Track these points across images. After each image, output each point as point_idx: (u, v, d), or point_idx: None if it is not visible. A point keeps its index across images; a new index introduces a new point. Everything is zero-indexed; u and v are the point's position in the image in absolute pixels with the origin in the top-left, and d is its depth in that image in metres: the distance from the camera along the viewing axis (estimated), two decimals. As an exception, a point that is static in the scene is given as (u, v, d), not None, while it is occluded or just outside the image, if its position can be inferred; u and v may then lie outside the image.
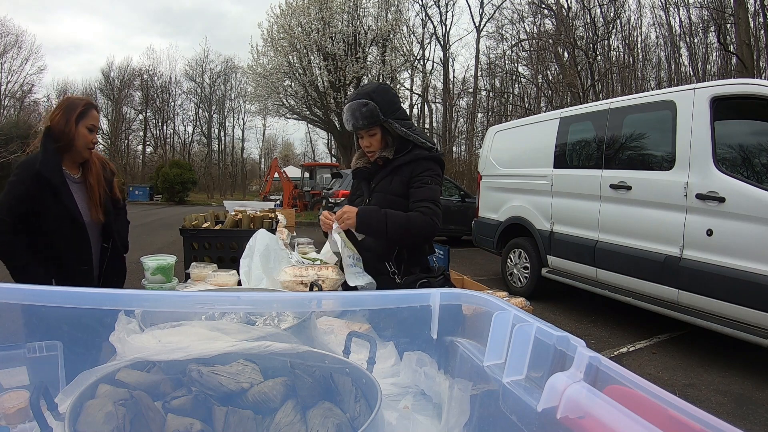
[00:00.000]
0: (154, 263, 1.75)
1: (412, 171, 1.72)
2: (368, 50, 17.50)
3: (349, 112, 1.70)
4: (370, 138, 1.74)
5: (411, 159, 1.73)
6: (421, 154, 1.73)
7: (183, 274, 1.98)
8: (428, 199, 1.67)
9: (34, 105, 30.41)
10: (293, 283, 1.71)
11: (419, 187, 1.70)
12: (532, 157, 5.43)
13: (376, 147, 1.75)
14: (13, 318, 0.72)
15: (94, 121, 1.89)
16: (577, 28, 19.71)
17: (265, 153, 40.55)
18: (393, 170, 1.74)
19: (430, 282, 1.68)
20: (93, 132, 1.88)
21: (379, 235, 1.64)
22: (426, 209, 1.65)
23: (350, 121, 1.70)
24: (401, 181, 1.73)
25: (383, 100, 1.69)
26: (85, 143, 1.85)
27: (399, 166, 1.73)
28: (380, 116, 1.68)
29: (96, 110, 1.92)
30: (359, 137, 1.77)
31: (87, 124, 1.85)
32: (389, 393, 0.86)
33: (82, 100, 1.91)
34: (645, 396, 0.49)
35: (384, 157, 1.75)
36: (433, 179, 1.72)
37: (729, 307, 3.31)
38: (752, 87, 3.35)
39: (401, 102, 1.81)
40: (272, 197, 19.22)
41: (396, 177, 1.74)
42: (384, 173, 1.77)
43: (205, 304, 0.79)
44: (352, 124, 1.70)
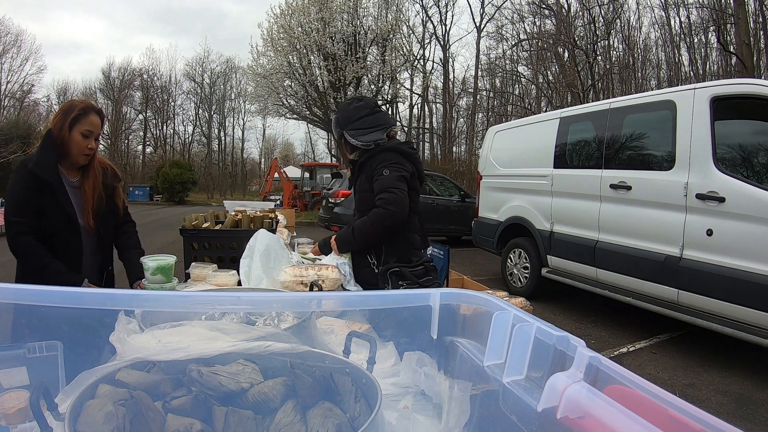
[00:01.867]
0: (154, 263, 1.75)
1: (371, 167, 1.91)
2: (368, 50, 17.50)
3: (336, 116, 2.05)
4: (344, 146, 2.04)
5: (368, 156, 1.93)
6: (376, 149, 1.92)
7: (183, 274, 1.97)
8: (382, 191, 1.83)
9: (34, 105, 30.48)
10: (293, 283, 1.71)
11: (376, 181, 1.87)
12: (532, 157, 5.43)
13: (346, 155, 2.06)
14: (13, 318, 0.72)
15: (91, 126, 1.78)
16: (577, 28, 19.71)
17: (265, 153, 40.57)
18: (358, 170, 1.98)
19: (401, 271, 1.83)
20: (89, 138, 1.78)
21: (356, 247, 1.89)
22: (381, 201, 1.82)
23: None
24: (366, 178, 1.93)
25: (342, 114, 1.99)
26: (78, 150, 1.77)
27: (361, 165, 1.96)
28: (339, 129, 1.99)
29: (97, 114, 1.82)
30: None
31: (81, 129, 1.77)
32: (389, 393, 0.86)
33: (81, 103, 1.83)
34: (645, 396, 0.49)
35: (353, 160, 2.02)
36: (387, 167, 1.86)
37: (729, 307, 3.31)
38: (752, 87, 3.35)
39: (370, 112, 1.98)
40: (272, 197, 19.23)
41: (362, 176, 1.96)
42: (355, 175, 2.01)
43: (205, 304, 0.79)
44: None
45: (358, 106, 2.00)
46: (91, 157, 1.88)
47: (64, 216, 1.79)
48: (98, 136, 1.85)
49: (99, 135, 1.86)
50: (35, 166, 1.73)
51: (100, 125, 1.84)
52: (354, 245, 1.88)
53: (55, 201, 1.76)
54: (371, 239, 1.86)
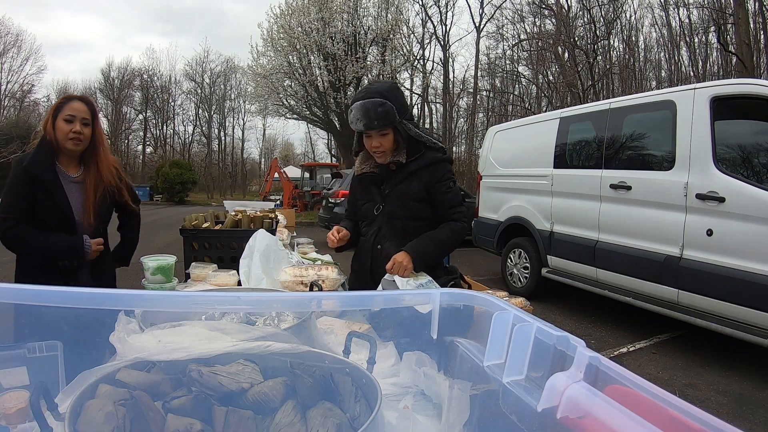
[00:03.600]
0: (154, 263, 1.75)
1: (432, 175, 1.70)
2: (368, 50, 17.49)
3: (361, 110, 1.61)
4: (381, 138, 1.66)
5: (428, 163, 1.71)
6: (437, 156, 1.72)
7: (183, 274, 1.98)
8: (458, 204, 1.75)
9: (34, 105, 30.45)
10: (293, 283, 1.72)
11: (446, 193, 1.72)
12: (532, 157, 5.43)
13: (387, 148, 1.68)
14: (13, 318, 0.72)
15: (72, 111, 1.78)
16: (577, 28, 19.70)
17: (265, 153, 40.55)
18: (410, 174, 1.71)
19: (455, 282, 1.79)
20: (72, 122, 1.77)
21: (434, 260, 1.71)
22: (459, 215, 1.74)
23: (362, 121, 1.61)
24: (420, 185, 1.70)
25: (398, 101, 1.64)
26: (63, 134, 1.76)
27: (416, 171, 1.70)
28: (396, 117, 1.63)
29: (79, 100, 1.82)
30: (366, 137, 1.70)
31: (64, 116, 1.77)
32: (389, 393, 0.86)
33: (63, 95, 1.88)
34: (645, 396, 0.49)
35: (397, 161, 1.70)
36: (453, 182, 1.76)
37: (729, 307, 3.30)
38: (752, 87, 3.35)
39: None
40: (272, 197, 19.23)
41: (414, 182, 1.71)
42: (400, 178, 1.72)
43: (205, 304, 0.79)
44: (364, 123, 1.62)
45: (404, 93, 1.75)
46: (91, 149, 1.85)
47: (58, 212, 1.78)
48: (87, 121, 1.81)
49: (88, 121, 1.82)
50: (29, 163, 1.75)
51: (87, 111, 1.81)
52: (431, 260, 1.68)
53: (49, 197, 1.76)
54: (447, 253, 1.81)
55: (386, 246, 1.71)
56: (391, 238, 1.71)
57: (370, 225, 1.78)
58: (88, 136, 1.82)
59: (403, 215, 1.72)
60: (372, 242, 1.75)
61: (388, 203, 1.74)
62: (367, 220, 1.80)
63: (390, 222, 1.73)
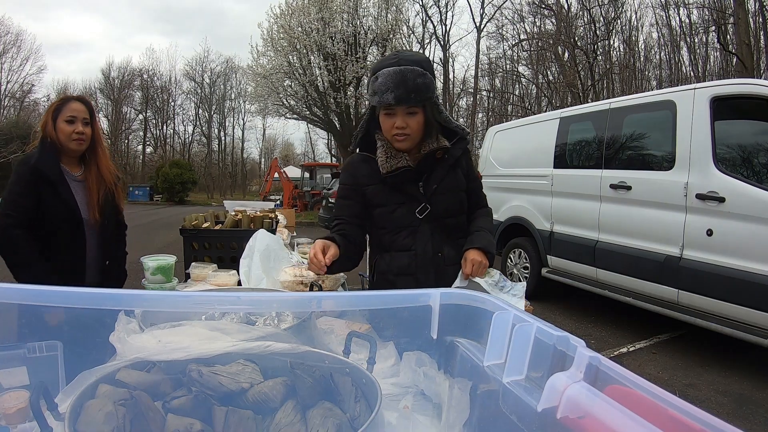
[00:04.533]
0: (154, 263, 1.76)
1: (468, 162, 1.54)
2: (368, 50, 17.48)
3: (396, 78, 1.31)
4: (408, 118, 1.37)
5: (464, 149, 1.52)
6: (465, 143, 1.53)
7: (183, 274, 1.98)
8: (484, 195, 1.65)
9: (34, 105, 30.43)
10: (293, 283, 1.72)
11: (475, 181, 1.58)
12: (532, 157, 5.43)
13: (413, 130, 1.39)
14: (14, 318, 0.72)
15: (73, 112, 1.81)
16: (577, 28, 19.70)
17: (265, 153, 40.56)
18: (455, 163, 1.49)
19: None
20: (74, 123, 1.81)
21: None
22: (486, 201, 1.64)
23: (393, 91, 1.31)
24: (461, 174, 1.52)
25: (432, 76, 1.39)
26: (66, 136, 1.80)
27: (458, 158, 1.50)
28: (434, 93, 1.39)
29: (77, 101, 1.85)
30: (386, 115, 1.39)
31: (64, 117, 1.80)
32: (389, 393, 0.86)
33: (61, 96, 1.90)
34: (645, 396, 0.49)
35: (443, 147, 1.44)
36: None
37: (729, 307, 3.30)
38: (752, 87, 3.35)
39: None
40: (272, 197, 19.23)
41: (458, 171, 1.51)
42: (445, 168, 1.47)
43: (205, 304, 0.79)
44: (396, 95, 1.32)
45: None
46: (92, 148, 1.88)
47: (65, 210, 1.79)
48: (87, 121, 1.84)
49: (88, 120, 1.85)
50: (37, 162, 1.76)
51: (86, 110, 1.84)
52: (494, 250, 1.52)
53: (56, 195, 1.77)
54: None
55: (447, 251, 1.48)
56: (448, 241, 1.49)
57: (415, 233, 1.45)
58: (89, 135, 1.86)
59: (454, 211, 1.50)
60: (432, 252, 1.46)
61: (435, 201, 1.46)
62: (405, 229, 1.46)
63: (442, 223, 1.48)
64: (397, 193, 1.45)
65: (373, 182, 1.46)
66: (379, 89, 1.33)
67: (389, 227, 1.47)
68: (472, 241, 1.46)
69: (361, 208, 1.49)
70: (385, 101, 1.34)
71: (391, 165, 1.42)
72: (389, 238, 1.47)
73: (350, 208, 1.49)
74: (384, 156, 1.43)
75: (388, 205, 1.46)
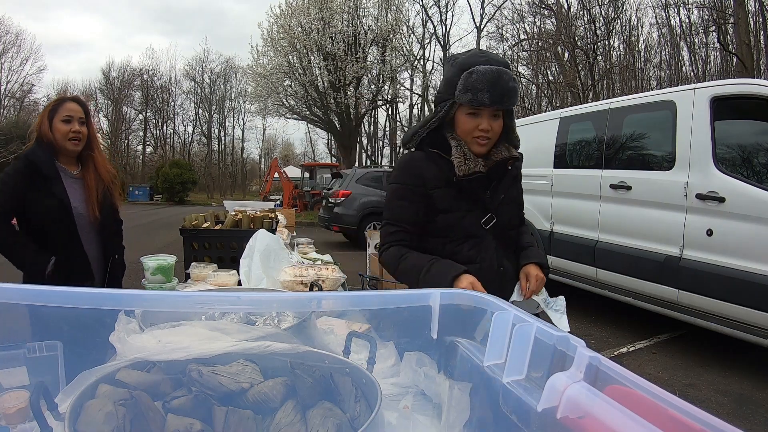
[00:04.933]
0: (154, 263, 1.76)
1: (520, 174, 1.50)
2: (368, 50, 17.49)
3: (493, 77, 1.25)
4: (493, 121, 1.31)
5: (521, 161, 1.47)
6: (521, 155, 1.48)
7: (183, 274, 1.98)
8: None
9: (34, 105, 30.40)
10: (293, 283, 1.72)
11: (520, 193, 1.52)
12: (532, 157, 5.42)
13: (495, 135, 1.34)
14: (14, 318, 0.72)
15: (69, 111, 1.82)
16: (577, 28, 19.70)
17: (265, 153, 40.56)
18: (518, 174, 1.46)
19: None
20: (70, 122, 1.82)
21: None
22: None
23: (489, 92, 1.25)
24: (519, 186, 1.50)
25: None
26: (62, 136, 1.81)
27: (519, 170, 1.47)
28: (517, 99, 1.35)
29: (72, 101, 1.87)
30: (470, 115, 1.31)
31: (60, 117, 1.82)
32: (389, 393, 0.86)
33: (56, 97, 1.93)
34: (645, 396, 0.49)
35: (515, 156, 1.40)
36: None
37: (729, 307, 3.30)
38: (752, 87, 3.35)
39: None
40: (272, 197, 19.23)
41: (518, 183, 1.48)
42: (510, 179, 1.42)
43: (205, 304, 0.79)
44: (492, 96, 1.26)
45: None
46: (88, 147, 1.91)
47: (57, 206, 1.80)
48: (83, 120, 1.86)
49: (84, 120, 1.86)
50: (30, 153, 1.79)
51: (81, 110, 1.86)
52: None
53: (48, 190, 1.78)
54: None
55: (506, 266, 1.41)
56: (507, 255, 1.42)
57: (480, 244, 1.37)
58: (85, 134, 1.88)
59: (514, 224, 1.47)
60: (496, 265, 1.38)
61: (501, 212, 1.39)
62: (471, 239, 1.37)
63: (505, 235, 1.42)
64: (465, 200, 1.35)
65: (440, 185, 1.34)
66: (473, 87, 1.25)
67: (453, 236, 1.36)
68: (528, 256, 1.41)
69: (421, 213, 1.35)
70: (478, 100, 1.26)
71: (468, 167, 1.32)
72: (451, 248, 1.36)
73: (410, 212, 1.36)
74: (462, 157, 1.32)
75: (455, 211, 1.35)
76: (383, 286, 3.95)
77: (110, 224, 1.99)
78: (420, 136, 1.40)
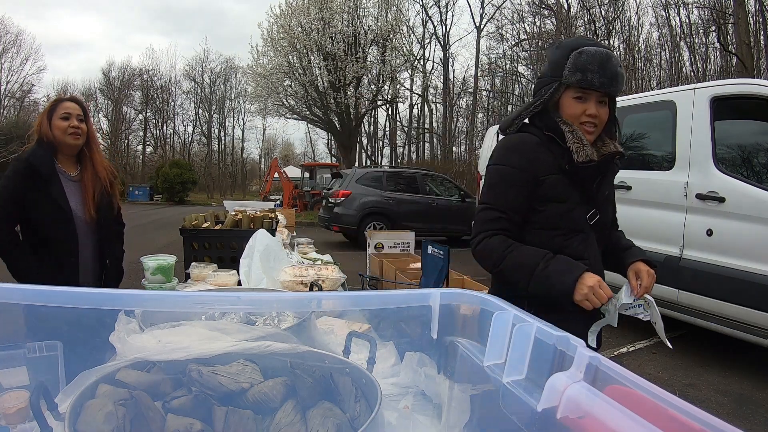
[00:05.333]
0: (154, 263, 1.75)
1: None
2: (368, 50, 17.49)
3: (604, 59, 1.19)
4: (600, 108, 1.24)
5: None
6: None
7: (183, 274, 1.98)
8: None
9: (34, 105, 30.37)
10: (293, 283, 1.72)
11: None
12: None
13: (601, 123, 1.25)
14: (14, 318, 0.72)
15: (67, 109, 1.85)
16: (577, 28, 19.70)
17: (265, 153, 40.54)
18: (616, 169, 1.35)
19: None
20: (69, 119, 1.84)
21: None
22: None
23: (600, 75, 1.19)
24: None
25: None
26: (61, 132, 1.83)
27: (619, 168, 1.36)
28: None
29: (70, 100, 1.89)
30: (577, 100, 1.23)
31: (59, 115, 1.84)
32: (389, 393, 0.86)
33: (54, 98, 1.95)
34: (645, 396, 0.49)
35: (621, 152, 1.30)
36: None
37: (729, 307, 3.30)
38: (752, 87, 3.35)
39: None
40: (272, 197, 19.22)
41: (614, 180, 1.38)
42: (612, 174, 1.35)
43: (205, 304, 0.79)
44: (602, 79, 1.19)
45: None
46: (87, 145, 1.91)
47: (55, 208, 1.80)
48: (81, 118, 1.88)
49: (82, 117, 1.88)
50: (30, 155, 1.80)
51: (79, 109, 1.89)
52: None
53: (47, 192, 1.79)
54: None
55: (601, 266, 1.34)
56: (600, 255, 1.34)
57: (587, 240, 1.28)
58: (85, 130, 1.89)
59: (611, 223, 1.40)
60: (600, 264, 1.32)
61: (604, 209, 1.32)
62: (579, 234, 1.27)
63: (604, 234, 1.35)
64: (575, 190, 1.25)
65: (553, 171, 1.23)
66: (584, 66, 1.18)
67: (564, 228, 1.25)
68: (635, 254, 1.32)
69: (527, 201, 1.24)
70: (588, 81, 1.18)
71: (586, 154, 1.21)
72: (561, 241, 1.25)
73: (518, 198, 1.23)
74: (579, 142, 1.21)
75: (566, 202, 1.24)
76: (383, 286, 3.95)
77: (109, 226, 1.99)
78: (522, 119, 1.30)
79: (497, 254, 1.21)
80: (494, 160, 1.30)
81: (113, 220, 2.06)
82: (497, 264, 1.22)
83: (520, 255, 1.19)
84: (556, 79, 1.24)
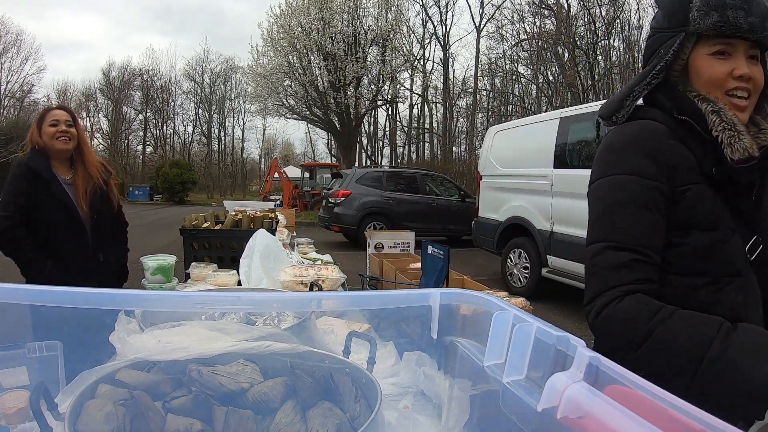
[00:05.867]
0: (154, 263, 1.76)
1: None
2: (368, 50, 17.51)
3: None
4: (753, 66, 0.82)
5: None
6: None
7: (183, 274, 1.98)
8: None
9: (34, 105, 30.37)
10: (293, 283, 1.72)
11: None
12: (532, 157, 5.43)
13: (756, 89, 0.83)
14: (14, 318, 0.72)
15: (56, 116, 1.92)
16: (577, 28, 19.71)
17: (265, 153, 40.56)
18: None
19: None
20: (57, 125, 1.90)
21: None
22: None
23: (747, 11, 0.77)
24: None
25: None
26: (50, 135, 1.89)
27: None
28: None
29: (59, 109, 1.96)
30: (719, 57, 0.81)
31: (48, 122, 1.90)
32: (389, 393, 0.87)
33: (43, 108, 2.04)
34: (645, 396, 0.49)
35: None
36: None
37: None
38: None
39: None
40: (272, 197, 19.23)
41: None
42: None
43: (205, 304, 0.79)
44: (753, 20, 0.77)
45: None
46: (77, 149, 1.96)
47: (61, 207, 1.86)
48: (70, 123, 1.93)
49: (71, 123, 1.94)
50: (29, 160, 1.85)
51: (67, 115, 1.94)
52: None
53: (50, 193, 1.85)
54: None
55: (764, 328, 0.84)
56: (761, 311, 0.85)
57: (746, 287, 0.82)
58: (74, 134, 1.94)
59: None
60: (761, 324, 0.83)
61: (766, 234, 0.85)
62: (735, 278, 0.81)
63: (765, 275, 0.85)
64: (725, 208, 0.81)
65: (694, 179, 0.81)
66: (722, 1, 0.78)
67: (712, 272, 0.80)
68: None
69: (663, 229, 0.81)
70: (732, 23, 0.78)
71: (743, 148, 0.78)
72: (707, 294, 0.80)
73: (653, 227, 0.80)
74: (732, 129, 0.79)
75: (717, 228, 0.80)
76: (383, 286, 3.96)
77: (106, 222, 2.01)
78: (635, 99, 0.87)
79: (642, 324, 0.74)
80: (607, 168, 0.87)
81: (113, 218, 2.08)
82: (639, 344, 0.74)
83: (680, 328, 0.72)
84: (678, 29, 0.83)
